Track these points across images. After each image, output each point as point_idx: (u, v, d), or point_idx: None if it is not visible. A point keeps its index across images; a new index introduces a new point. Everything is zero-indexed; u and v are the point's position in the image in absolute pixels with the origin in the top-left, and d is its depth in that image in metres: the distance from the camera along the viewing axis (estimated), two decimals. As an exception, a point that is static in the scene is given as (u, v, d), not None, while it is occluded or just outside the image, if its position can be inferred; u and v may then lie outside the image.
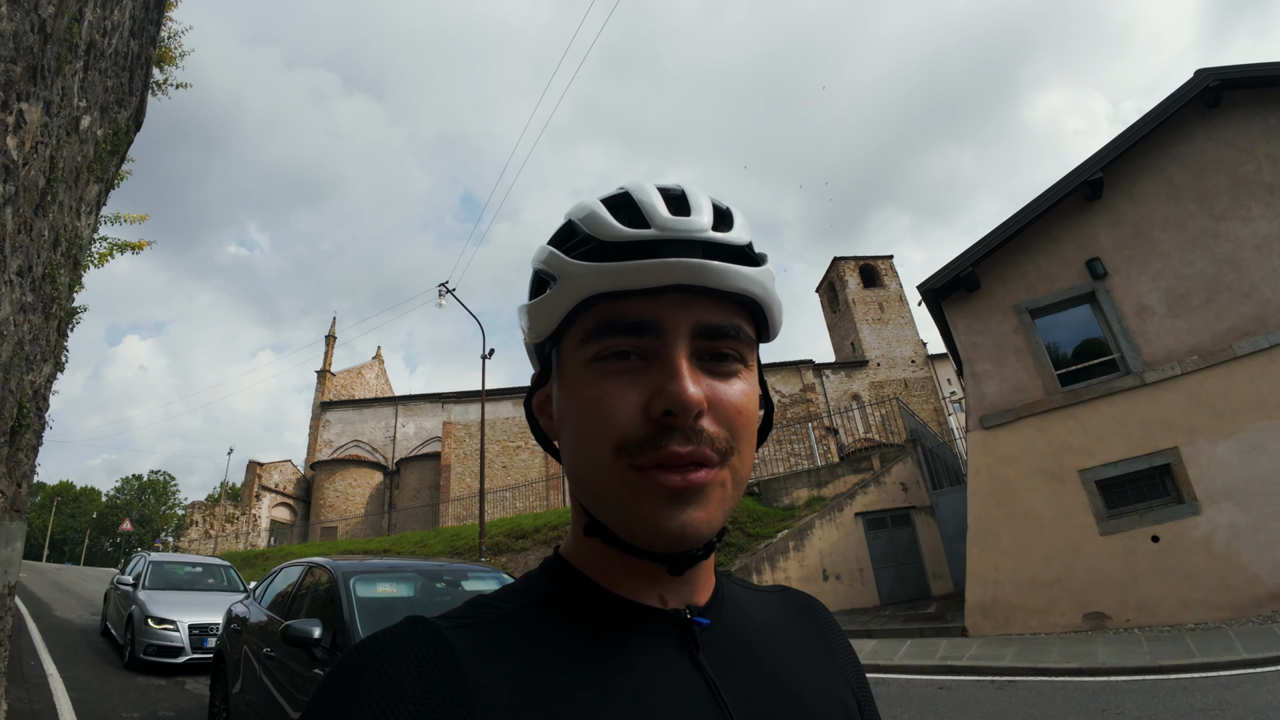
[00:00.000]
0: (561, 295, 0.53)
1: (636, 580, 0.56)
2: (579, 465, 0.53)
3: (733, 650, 0.57)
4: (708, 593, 0.60)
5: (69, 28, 2.81)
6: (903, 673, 8.02)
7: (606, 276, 0.51)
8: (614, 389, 0.51)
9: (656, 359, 0.51)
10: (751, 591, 0.69)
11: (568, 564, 0.59)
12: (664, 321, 0.51)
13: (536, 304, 0.55)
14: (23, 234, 3.03)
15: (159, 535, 62.53)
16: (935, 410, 36.23)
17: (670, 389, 0.49)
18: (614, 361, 0.52)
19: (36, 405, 4.11)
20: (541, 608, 0.55)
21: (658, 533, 0.50)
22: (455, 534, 21.48)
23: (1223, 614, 8.37)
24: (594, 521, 0.54)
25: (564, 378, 0.55)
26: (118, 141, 4.75)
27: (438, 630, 0.49)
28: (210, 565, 11.23)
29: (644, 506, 0.50)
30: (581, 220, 0.54)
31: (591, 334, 0.52)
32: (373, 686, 0.44)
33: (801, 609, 0.71)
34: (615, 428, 0.50)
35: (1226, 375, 9.28)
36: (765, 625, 0.64)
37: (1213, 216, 10.04)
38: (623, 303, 0.52)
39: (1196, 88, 10.23)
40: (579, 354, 0.53)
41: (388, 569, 5.01)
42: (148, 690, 7.28)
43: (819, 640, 0.68)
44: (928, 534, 13.72)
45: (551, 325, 0.55)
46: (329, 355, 41.45)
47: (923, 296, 11.65)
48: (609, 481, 0.51)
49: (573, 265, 0.52)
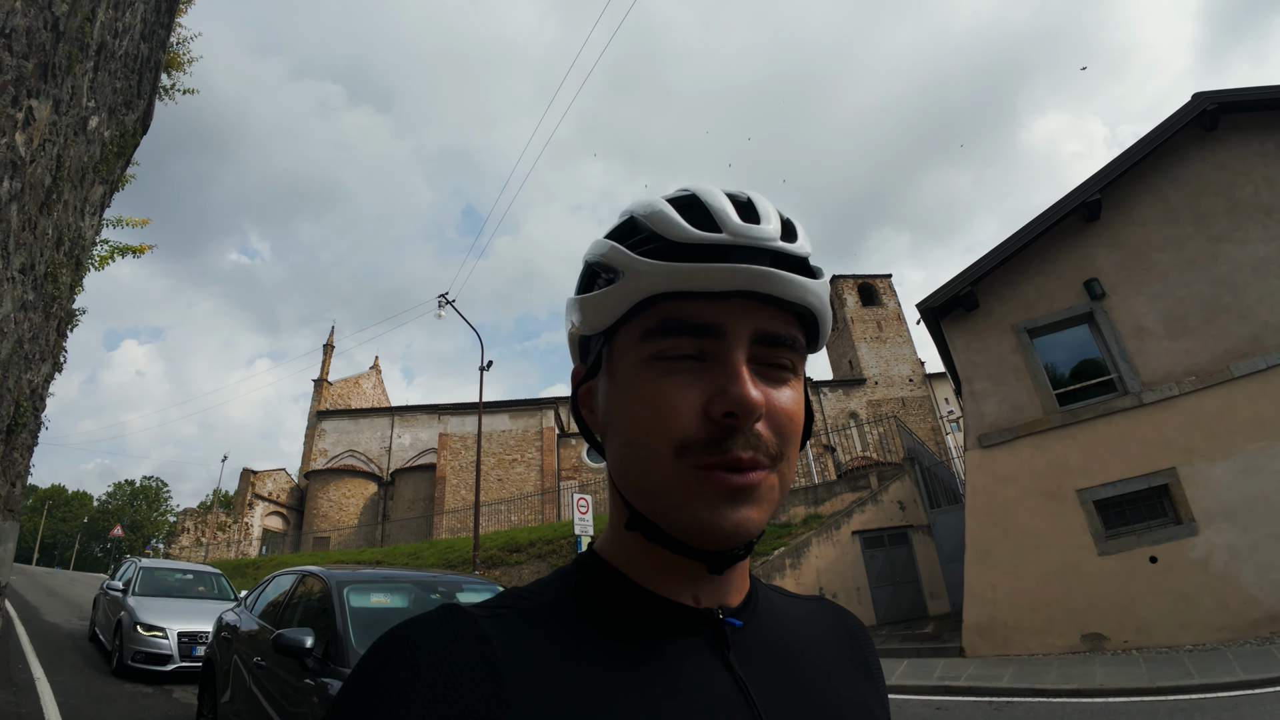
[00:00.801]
0: (625, 291, 0.53)
1: (672, 578, 0.56)
2: (631, 461, 0.53)
3: (765, 653, 0.57)
4: (741, 594, 0.60)
5: (81, 27, 2.82)
6: (900, 693, 7.96)
7: (676, 277, 0.51)
8: (673, 388, 0.51)
9: (716, 362, 0.51)
10: (787, 598, 0.69)
11: (602, 559, 0.59)
12: (726, 325, 0.52)
13: (595, 297, 0.55)
14: (27, 231, 3.03)
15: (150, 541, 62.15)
16: (933, 429, 36.25)
17: (733, 391, 0.49)
18: (673, 361, 0.52)
19: (33, 405, 4.09)
20: (575, 601, 0.55)
21: (712, 531, 0.50)
22: (449, 546, 21.37)
23: (1221, 635, 8.32)
24: (637, 516, 0.54)
25: (616, 373, 0.55)
26: (124, 144, 4.75)
27: (472, 618, 0.49)
28: (201, 573, 11.15)
29: (700, 505, 0.50)
30: (647, 218, 0.54)
31: (652, 332, 0.52)
32: (406, 673, 0.44)
33: (839, 622, 0.70)
34: (676, 427, 0.50)
35: (1224, 396, 9.30)
36: (800, 632, 0.63)
37: (1210, 238, 10.10)
38: (687, 303, 0.52)
39: (1194, 111, 10.33)
40: (636, 351, 0.53)
41: (382, 579, 4.96)
42: (135, 698, 7.19)
43: (857, 655, 0.67)
44: (925, 553, 13.66)
45: (609, 320, 0.55)
46: (326, 364, 41.41)
47: (922, 315, 11.69)
48: (664, 479, 0.51)
49: (640, 262, 0.52)
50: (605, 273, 0.55)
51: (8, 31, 2.04)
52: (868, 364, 39.44)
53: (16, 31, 2.11)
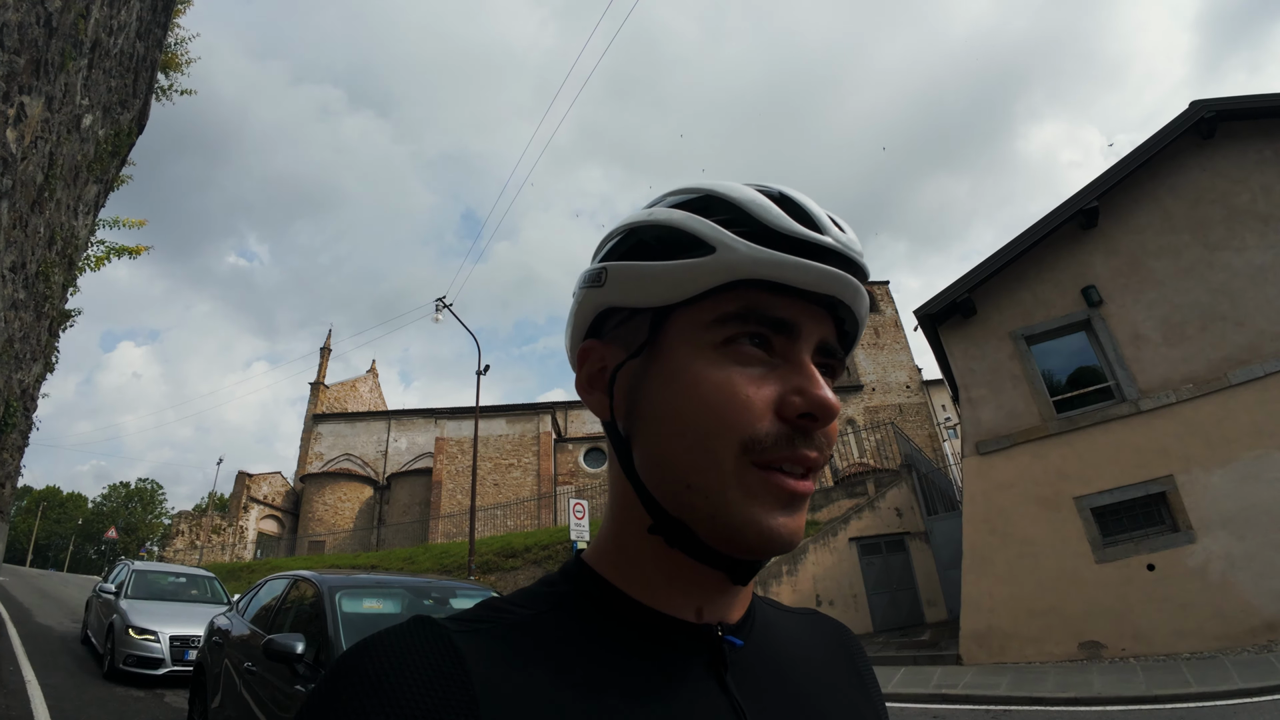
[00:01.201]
0: (714, 267, 0.49)
1: (677, 592, 0.52)
2: (685, 452, 0.48)
3: (763, 673, 0.54)
4: (743, 609, 0.56)
5: (75, 24, 2.80)
6: (896, 701, 7.92)
7: (774, 265, 0.48)
8: (746, 380, 0.48)
9: (786, 362, 0.50)
10: (781, 612, 0.66)
11: (592, 570, 0.54)
12: (803, 327, 0.50)
13: (672, 267, 0.50)
14: (18, 229, 3.00)
15: (144, 544, 61.92)
16: (930, 436, 36.25)
17: (814, 393, 0.48)
18: (746, 351, 0.49)
19: (24, 405, 4.05)
20: (560, 614, 0.51)
21: (766, 535, 0.47)
22: (444, 551, 21.31)
23: (1219, 643, 8.30)
24: (665, 519, 0.50)
25: (674, 356, 0.51)
26: (119, 143, 4.73)
27: (446, 634, 0.45)
28: (194, 576, 11.12)
29: (757, 507, 0.47)
30: (739, 199, 0.51)
31: (730, 317, 0.49)
32: (372, 693, 0.40)
33: (833, 636, 0.67)
34: (748, 419, 0.47)
35: (1221, 404, 9.30)
36: (795, 649, 0.60)
37: (1207, 246, 10.12)
38: (768, 296, 0.49)
39: (1191, 119, 10.35)
40: (706, 334, 0.50)
41: (374, 584, 4.93)
42: (126, 701, 7.14)
43: (851, 670, 0.64)
44: (922, 560, 13.63)
45: (683, 295, 0.50)
46: (323, 367, 41.34)
47: (919, 322, 11.69)
48: (724, 474, 0.47)
49: (738, 242, 0.49)
50: (684, 245, 0.50)
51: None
52: (865, 370, 39.45)
53: (8, 26, 2.09)
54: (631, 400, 0.53)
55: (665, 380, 0.51)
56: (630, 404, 0.53)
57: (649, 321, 0.53)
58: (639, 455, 0.52)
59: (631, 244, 0.54)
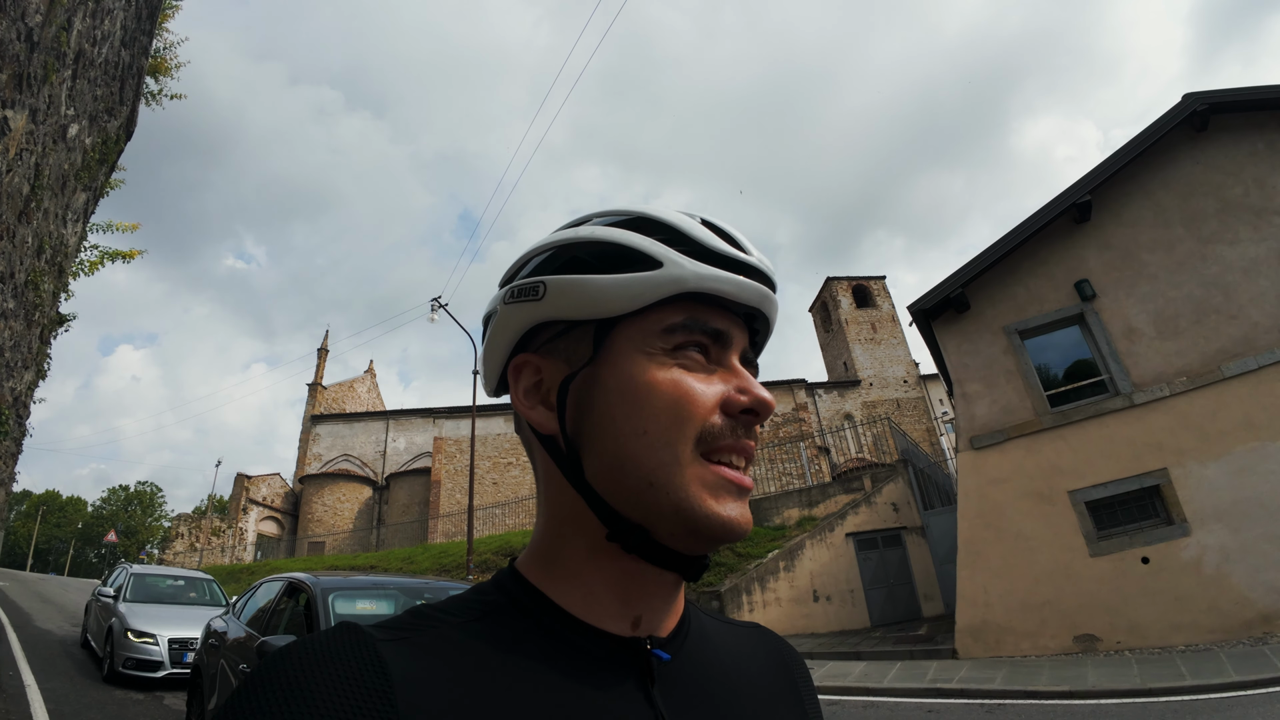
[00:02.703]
0: (663, 281, 0.53)
1: (616, 601, 0.53)
2: (643, 453, 0.51)
3: (692, 687, 0.55)
4: (675, 620, 0.58)
5: (57, 36, 2.81)
6: (891, 695, 7.94)
7: (716, 281, 0.54)
8: (697, 381, 0.53)
9: (722, 367, 0.55)
10: (722, 624, 0.67)
11: (524, 579, 0.55)
12: (732, 336, 0.56)
13: (622, 280, 0.53)
14: (5, 240, 3.01)
15: (144, 547, 61.90)
16: (927, 430, 36.30)
17: (755, 392, 0.54)
18: (692, 356, 0.54)
19: (16, 412, 4.07)
20: (490, 624, 0.51)
21: (725, 525, 0.51)
22: (444, 551, 21.31)
23: (1213, 636, 8.33)
24: (624, 525, 0.52)
25: (621, 363, 0.53)
26: (107, 150, 4.74)
27: (371, 642, 0.45)
28: (193, 579, 11.13)
29: (713, 500, 0.51)
30: (674, 222, 0.56)
31: (678, 327, 0.53)
32: (287, 699, 0.40)
33: (775, 652, 0.68)
34: (701, 415, 0.52)
35: (1215, 397, 9.32)
36: (731, 663, 0.61)
37: (1200, 239, 10.13)
38: (704, 308, 0.55)
39: (1184, 111, 10.36)
40: (657, 342, 0.53)
41: (368, 585, 4.96)
42: (125, 704, 7.16)
43: (789, 687, 0.65)
44: (919, 555, 13.67)
45: (626, 307, 0.53)
46: (321, 368, 41.28)
47: (913, 317, 11.70)
48: (681, 474, 0.51)
49: (684, 259, 0.53)
50: (627, 260, 0.53)
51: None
52: (862, 366, 39.48)
53: (-13, 41, 2.10)
54: (582, 411, 0.54)
55: (620, 387, 0.53)
56: (581, 415, 0.54)
57: (592, 333, 0.55)
58: (592, 464, 0.53)
59: (564, 261, 0.56)
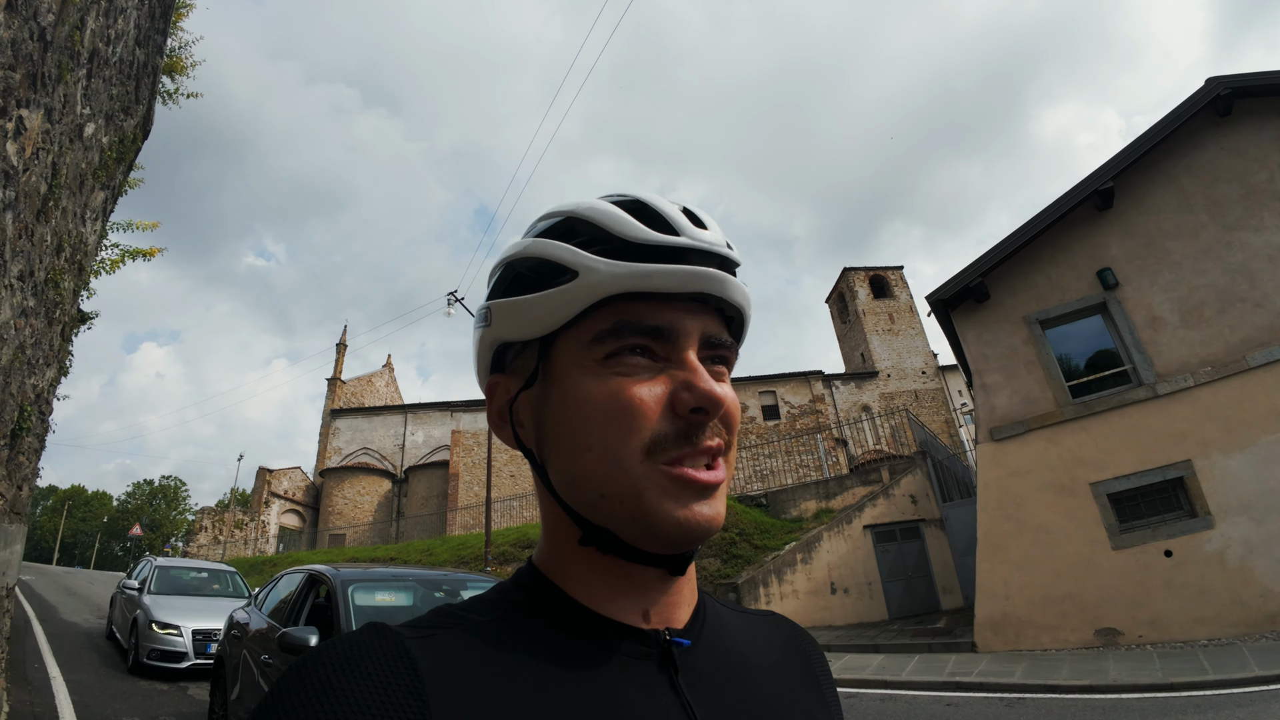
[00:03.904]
0: (580, 291, 0.51)
1: (620, 595, 0.54)
2: (593, 466, 0.50)
3: (714, 674, 0.55)
4: (689, 610, 0.58)
5: (70, 35, 2.84)
6: (910, 689, 7.91)
7: (637, 278, 0.50)
8: (635, 388, 0.50)
9: (670, 363, 0.52)
10: (737, 613, 0.67)
11: (543, 576, 0.56)
12: (679, 327, 0.52)
13: (541, 299, 0.52)
14: (24, 239, 3.05)
15: (169, 540, 62.94)
16: (946, 422, 36.00)
17: (701, 388, 0.50)
18: (629, 361, 0.51)
19: (39, 409, 4.13)
20: (513, 622, 0.52)
21: (686, 528, 0.49)
22: (462, 543, 21.47)
23: (1236, 630, 8.21)
24: (593, 530, 0.52)
25: (563, 379, 0.53)
26: (124, 149, 4.79)
27: (400, 640, 0.46)
28: (216, 571, 11.30)
29: (669, 504, 0.49)
30: (594, 218, 0.53)
31: (606, 334, 0.51)
32: (324, 699, 0.40)
33: (791, 639, 0.68)
34: (646, 424, 0.49)
35: (1240, 387, 9.15)
36: (749, 650, 0.61)
37: (1225, 226, 9.93)
38: (640, 305, 0.51)
39: (1208, 96, 10.14)
40: (588, 353, 0.51)
41: (387, 577, 5.00)
42: (150, 695, 7.29)
43: (807, 673, 0.65)
44: (938, 547, 13.58)
45: (557, 323, 0.52)
46: (339, 363, 41.69)
47: (931, 307, 11.57)
48: (631, 482, 0.49)
49: (598, 262, 0.51)
50: (547, 271, 0.53)
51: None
52: (880, 357, 39.18)
53: (1, 43, 2.12)
54: (537, 425, 0.55)
55: (561, 403, 0.52)
56: (537, 429, 0.55)
57: (537, 350, 0.55)
58: (554, 475, 0.53)
59: (510, 279, 0.56)
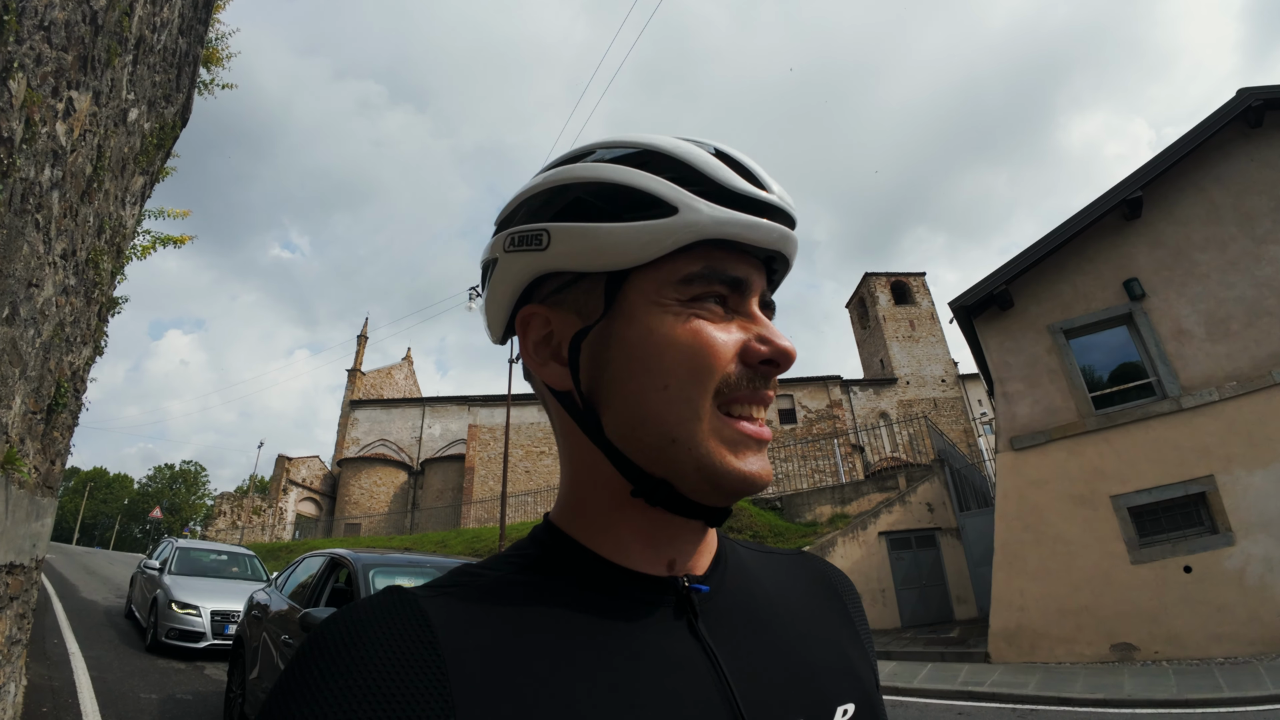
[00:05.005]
0: (677, 228, 0.49)
1: (651, 548, 0.53)
2: (663, 408, 0.49)
3: (734, 616, 0.55)
4: (710, 557, 0.58)
5: (119, 21, 2.92)
6: (922, 696, 7.86)
7: (740, 226, 0.50)
8: (716, 332, 0.50)
9: (740, 315, 0.52)
10: (762, 553, 0.66)
11: (561, 531, 0.55)
12: (751, 281, 0.53)
13: (623, 228, 0.50)
14: (68, 218, 3.14)
15: (188, 524, 63.83)
16: (965, 431, 35.65)
17: (777, 342, 0.51)
18: (710, 308, 0.51)
19: (74, 386, 4.24)
20: (528, 574, 0.52)
21: (746, 479, 0.50)
22: (476, 536, 21.61)
23: (1253, 648, 8.08)
24: (648, 481, 0.51)
25: (641, 316, 0.51)
26: (164, 136, 4.89)
27: (413, 599, 0.47)
28: (235, 554, 11.41)
29: (733, 455, 0.50)
30: (688, 158, 0.51)
31: (695, 278, 0.50)
32: (343, 655, 0.42)
33: (821, 576, 0.67)
34: (720, 369, 0.50)
35: (1266, 403, 8.99)
36: (774, 590, 0.61)
37: (1254, 239, 9.77)
38: (723, 254, 0.51)
39: (1239, 107, 9.99)
40: (674, 293, 0.50)
41: (407, 563, 5.07)
42: (167, 673, 7.40)
43: (837, 608, 0.65)
44: (953, 556, 13.46)
45: (639, 258, 0.50)
46: (360, 355, 42.09)
47: (954, 313, 11.48)
48: (702, 430, 0.49)
49: (700, 203, 0.50)
50: (638, 204, 0.50)
51: (47, 24, 2.13)
52: (899, 363, 38.87)
53: (55, 24, 2.20)
54: (598, 367, 0.52)
55: (638, 342, 0.51)
56: (597, 371, 0.52)
57: (603, 286, 0.53)
58: (611, 421, 0.52)
59: (567, 203, 0.53)
